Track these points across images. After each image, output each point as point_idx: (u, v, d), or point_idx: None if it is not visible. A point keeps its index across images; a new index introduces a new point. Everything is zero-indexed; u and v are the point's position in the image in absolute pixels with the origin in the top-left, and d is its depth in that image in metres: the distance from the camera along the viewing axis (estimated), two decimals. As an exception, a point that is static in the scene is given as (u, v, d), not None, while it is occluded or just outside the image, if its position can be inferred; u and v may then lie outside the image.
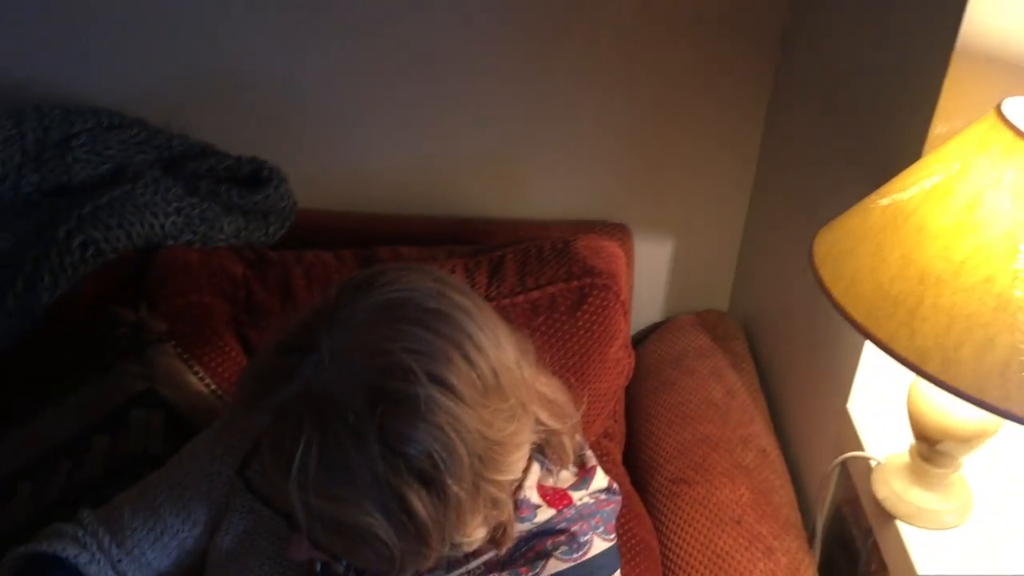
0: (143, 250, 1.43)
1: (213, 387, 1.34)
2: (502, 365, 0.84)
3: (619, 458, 1.50)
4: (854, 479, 1.26)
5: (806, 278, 1.49)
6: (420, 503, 0.78)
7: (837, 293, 0.95)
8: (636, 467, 1.54)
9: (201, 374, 1.34)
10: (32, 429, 1.33)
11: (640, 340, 1.78)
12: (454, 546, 0.86)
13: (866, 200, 1.00)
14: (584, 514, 0.96)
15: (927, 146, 1.08)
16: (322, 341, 0.79)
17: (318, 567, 0.99)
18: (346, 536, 0.80)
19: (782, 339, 1.62)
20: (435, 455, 0.78)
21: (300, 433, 0.77)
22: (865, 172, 1.21)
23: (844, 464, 1.29)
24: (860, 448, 1.23)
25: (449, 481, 0.79)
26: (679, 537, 1.37)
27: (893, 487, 1.14)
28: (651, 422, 1.58)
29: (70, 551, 1.04)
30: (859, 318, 0.92)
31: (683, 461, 1.46)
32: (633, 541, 1.34)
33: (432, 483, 0.79)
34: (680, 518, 1.39)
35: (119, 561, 1.06)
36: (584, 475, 1.00)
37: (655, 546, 1.37)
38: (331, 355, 0.78)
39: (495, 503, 0.86)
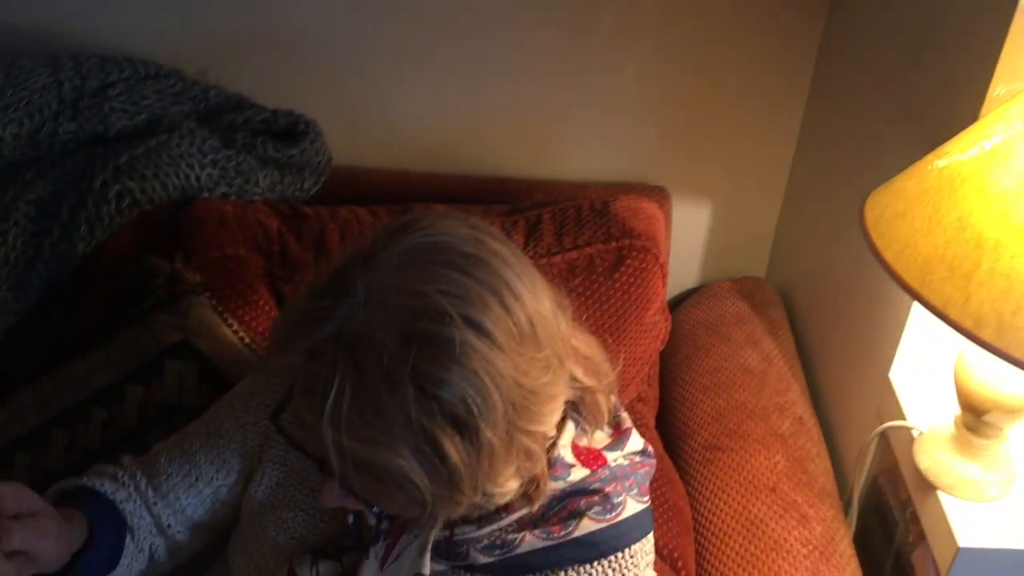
0: (179, 202, 1.42)
1: (247, 340, 1.33)
2: (538, 314, 0.83)
3: (652, 423, 1.49)
4: (894, 449, 1.24)
5: (850, 244, 1.46)
6: (453, 448, 0.77)
7: (889, 256, 0.92)
8: (669, 433, 1.52)
9: (235, 327, 1.33)
10: (67, 379, 1.33)
11: (675, 306, 1.76)
12: (486, 496, 0.85)
13: (921, 162, 0.97)
14: (618, 475, 0.95)
15: (985, 108, 1.05)
16: (357, 284, 0.78)
17: (350, 519, 0.98)
18: (378, 479, 0.79)
19: (822, 307, 1.59)
20: (469, 400, 0.77)
21: (333, 374, 0.76)
22: (918, 135, 1.17)
23: (884, 434, 1.27)
24: (902, 417, 1.21)
25: (482, 427, 0.78)
26: (712, 503, 1.36)
27: (936, 457, 1.11)
28: (685, 388, 1.56)
29: (108, 487, 1.05)
30: (912, 282, 0.89)
31: (717, 427, 1.45)
32: (665, 506, 1.33)
33: (465, 428, 0.77)
34: (714, 484, 1.38)
35: (154, 504, 1.06)
36: (619, 436, 0.98)
37: (687, 512, 1.36)
38: (366, 298, 0.77)
39: (528, 454, 0.84)
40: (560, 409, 0.88)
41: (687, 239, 1.76)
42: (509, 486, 0.86)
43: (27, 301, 1.38)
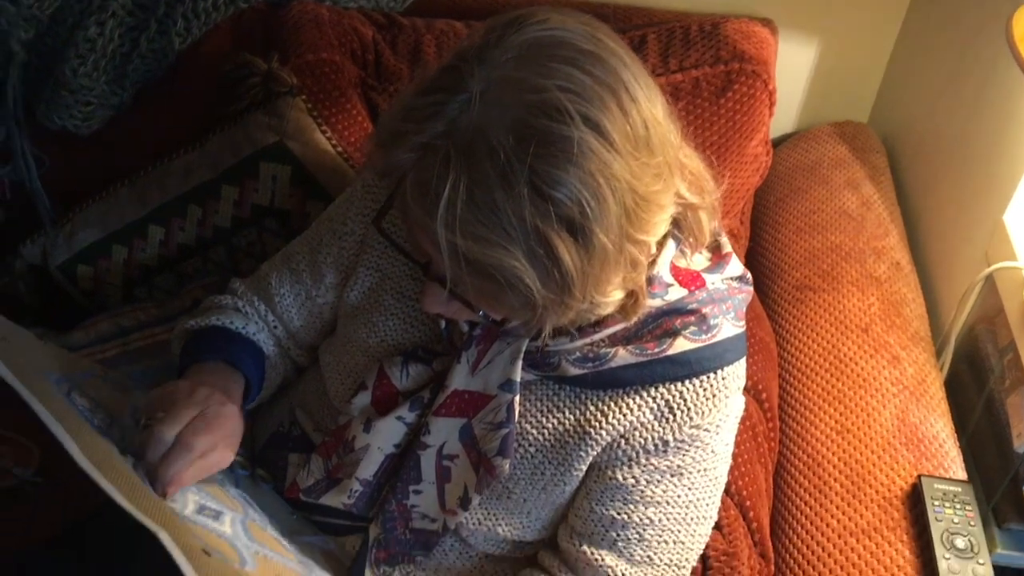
0: (275, 2, 1.39)
1: (339, 148, 1.32)
2: (653, 119, 0.79)
3: (742, 260, 1.46)
4: (1001, 293, 1.20)
5: (967, 87, 1.39)
6: (566, 250, 0.76)
7: (1038, 69, 0.86)
8: (759, 272, 1.49)
9: (328, 133, 1.32)
10: (163, 175, 1.35)
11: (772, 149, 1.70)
12: (592, 304, 0.83)
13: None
14: (716, 298, 0.93)
15: None
16: (471, 80, 0.75)
17: (443, 324, 0.98)
18: (490, 280, 0.78)
19: (929, 152, 1.52)
20: (585, 203, 0.74)
21: (447, 171, 0.74)
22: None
23: (990, 278, 1.23)
24: (1013, 259, 1.16)
25: (596, 230, 0.76)
26: (800, 341, 1.34)
27: (1049, 298, 1.08)
28: (778, 229, 1.52)
29: (238, 323, 1.05)
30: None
31: (810, 268, 1.41)
32: (752, 340, 1.31)
33: (579, 231, 0.76)
34: (803, 323, 1.36)
35: (275, 327, 1.08)
36: (719, 260, 0.96)
37: (773, 348, 1.35)
38: (481, 93, 0.74)
39: (634, 264, 0.82)
40: (667, 221, 0.86)
41: (789, 79, 1.68)
42: (614, 296, 0.84)
43: (124, 96, 1.38)
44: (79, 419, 0.78)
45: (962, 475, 1.15)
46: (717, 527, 1.08)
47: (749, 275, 0.98)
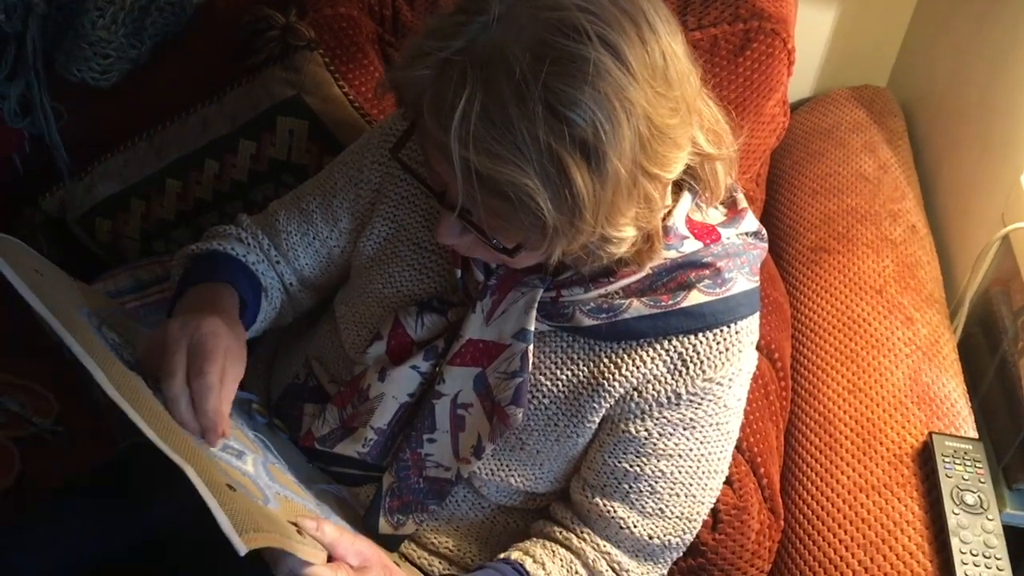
0: (293, -43, 1.38)
1: (356, 104, 1.32)
2: (672, 52, 0.79)
3: (757, 222, 1.46)
4: (1017, 254, 1.20)
5: (986, 48, 1.38)
6: (579, 173, 0.75)
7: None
8: (774, 235, 1.49)
9: (345, 88, 1.32)
10: (182, 128, 1.35)
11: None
12: (604, 239, 0.82)
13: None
14: (731, 252, 0.93)
15: None
16: (493, 1, 0.76)
17: (458, 274, 0.99)
18: (502, 198, 0.77)
19: (947, 116, 1.51)
20: (599, 125, 0.74)
21: (463, 86, 0.74)
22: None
23: (1005, 240, 1.23)
24: (1031, 220, 1.16)
25: (610, 154, 0.75)
26: (814, 302, 1.34)
27: (1066, 258, 1.07)
28: (794, 192, 1.52)
29: (238, 249, 1.06)
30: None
31: (825, 230, 1.41)
32: (766, 300, 1.31)
33: (593, 155, 0.75)
34: (817, 284, 1.36)
35: (277, 262, 1.08)
36: (734, 215, 0.96)
37: (786, 308, 1.35)
38: (500, 14, 0.75)
39: (648, 201, 0.82)
40: (683, 161, 0.85)
41: (809, 43, 1.67)
42: (626, 232, 0.83)
43: (142, 49, 1.38)
44: (109, 353, 0.78)
45: (973, 434, 1.15)
46: (728, 482, 1.09)
47: (764, 231, 0.98)
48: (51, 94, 1.40)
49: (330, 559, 0.80)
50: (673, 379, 0.93)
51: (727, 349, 0.93)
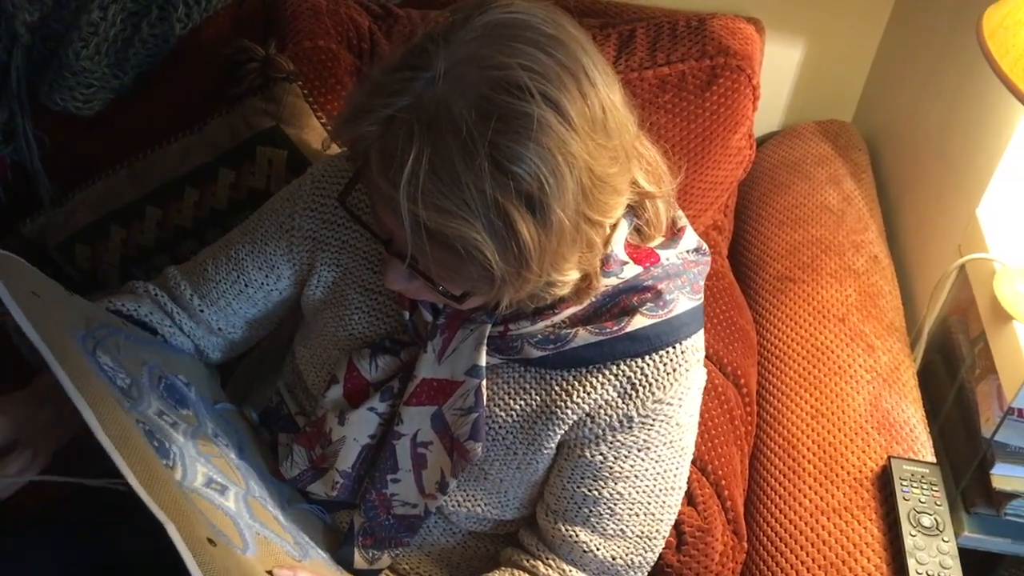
0: (273, -9, 1.42)
1: (334, 134, 1.35)
2: (611, 103, 0.82)
3: (725, 252, 1.50)
4: (972, 284, 1.24)
5: (946, 85, 1.43)
6: (525, 225, 0.78)
7: (1005, 65, 0.90)
8: (741, 264, 1.53)
9: (323, 119, 1.35)
10: (163, 157, 1.37)
11: (757, 147, 1.73)
12: (549, 284, 0.86)
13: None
14: (671, 273, 0.95)
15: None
16: (436, 58, 0.77)
17: (407, 315, 1.00)
18: (451, 251, 0.80)
19: (909, 150, 1.56)
20: (543, 179, 0.77)
21: (410, 143, 0.76)
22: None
23: (962, 270, 1.27)
24: (985, 251, 1.20)
25: (554, 206, 0.78)
26: (779, 330, 1.38)
27: (1017, 288, 1.11)
28: (761, 223, 1.56)
29: (129, 305, 1.07)
30: (1025, 89, 0.87)
31: (791, 260, 1.45)
32: (732, 328, 1.35)
33: (538, 207, 0.78)
34: (783, 312, 1.40)
35: (202, 311, 1.08)
36: (673, 236, 0.98)
37: (753, 336, 1.38)
38: (445, 71, 0.77)
39: (590, 246, 0.85)
40: (623, 206, 0.88)
41: (775, 79, 1.72)
42: (570, 275, 0.86)
43: (125, 79, 1.41)
44: (102, 384, 0.79)
45: (931, 459, 1.18)
46: (692, 504, 1.12)
47: (704, 245, 1.00)
48: (34, 122, 1.42)
49: None
50: (624, 403, 0.95)
51: (674, 370, 0.95)
